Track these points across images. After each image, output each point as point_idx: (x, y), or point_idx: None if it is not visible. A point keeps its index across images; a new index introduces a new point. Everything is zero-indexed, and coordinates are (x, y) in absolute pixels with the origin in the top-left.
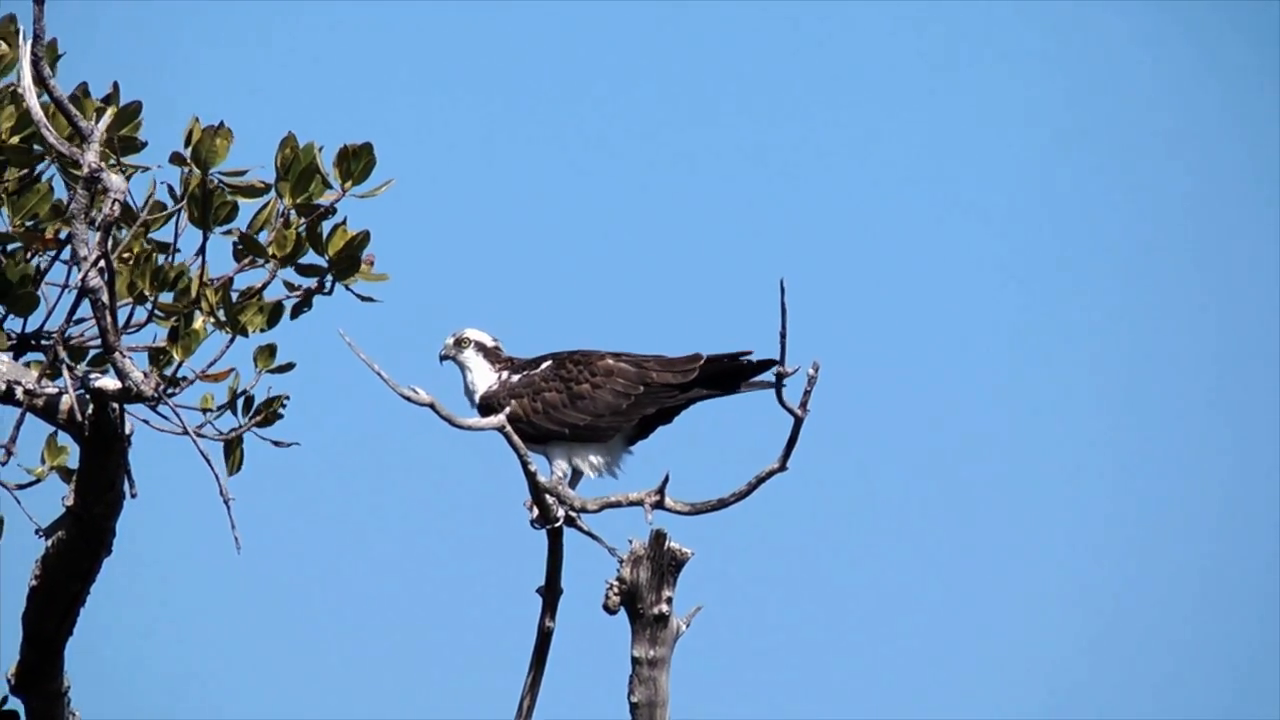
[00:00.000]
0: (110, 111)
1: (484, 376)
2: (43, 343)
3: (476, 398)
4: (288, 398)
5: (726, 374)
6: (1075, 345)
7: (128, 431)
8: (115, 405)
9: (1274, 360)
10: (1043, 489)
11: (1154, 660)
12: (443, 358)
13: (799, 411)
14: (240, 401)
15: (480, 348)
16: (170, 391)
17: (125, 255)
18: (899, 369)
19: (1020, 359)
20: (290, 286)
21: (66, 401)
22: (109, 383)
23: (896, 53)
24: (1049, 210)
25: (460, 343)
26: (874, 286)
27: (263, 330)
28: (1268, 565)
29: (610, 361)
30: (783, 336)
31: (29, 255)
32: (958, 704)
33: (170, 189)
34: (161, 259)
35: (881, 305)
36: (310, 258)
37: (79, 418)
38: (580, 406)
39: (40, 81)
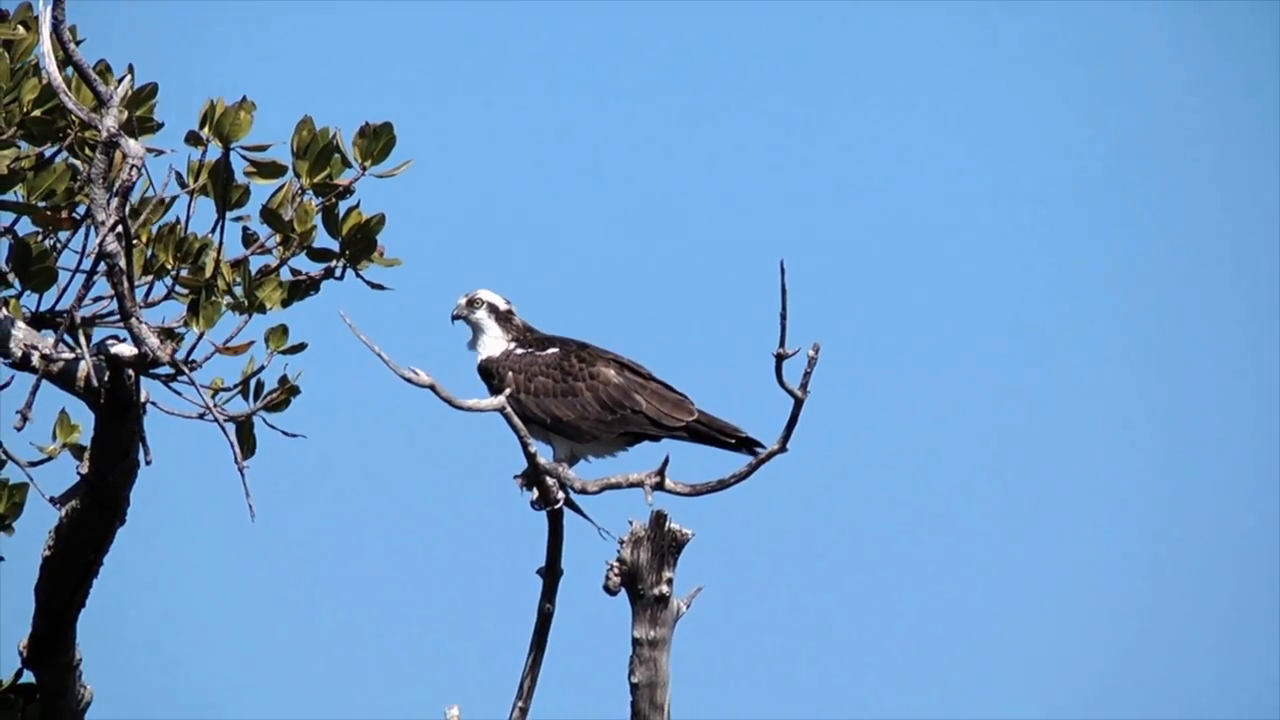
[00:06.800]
0: (128, 79)
1: (493, 340)
2: (57, 317)
3: (479, 359)
4: (298, 388)
5: (709, 435)
6: (1080, 332)
7: (143, 399)
8: (131, 372)
9: None
10: (1045, 470)
11: (1149, 659)
12: (454, 317)
13: (799, 393)
14: (252, 385)
15: (493, 310)
16: (191, 362)
17: (143, 232)
18: (900, 350)
19: (1024, 344)
20: (296, 273)
21: (84, 368)
22: (125, 349)
23: (903, 50)
24: (1058, 198)
25: (473, 303)
26: (878, 270)
27: (282, 306)
28: (1271, 565)
29: (611, 372)
30: (783, 318)
31: (44, 235)
32: (959, 682)
33: (178, 175)
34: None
35: (885, 288)
36: (323, 240)
37: (95, 384)
38: (568, 403)
39: (61, 46)
